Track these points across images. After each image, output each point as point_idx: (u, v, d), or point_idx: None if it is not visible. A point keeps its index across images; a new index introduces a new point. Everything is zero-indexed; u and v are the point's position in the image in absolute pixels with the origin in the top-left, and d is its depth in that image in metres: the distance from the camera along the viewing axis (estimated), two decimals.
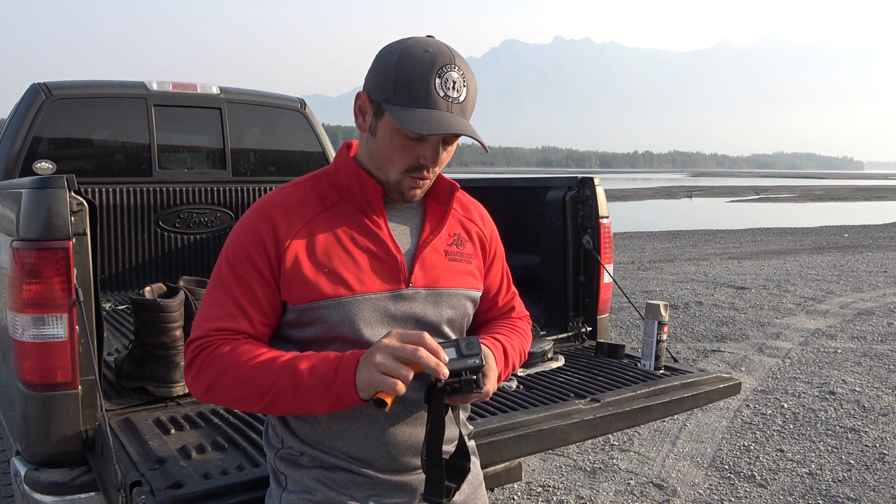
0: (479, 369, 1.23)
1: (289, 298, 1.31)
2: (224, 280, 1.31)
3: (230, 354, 1.25)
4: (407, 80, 1.23)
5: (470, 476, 1.46)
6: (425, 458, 1.29)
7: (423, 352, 1.16)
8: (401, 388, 1.15)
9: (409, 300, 1.34)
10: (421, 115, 1.22)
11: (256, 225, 1.32)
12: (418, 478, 1.36)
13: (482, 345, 1.31)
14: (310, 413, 1.29)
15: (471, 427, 1.56)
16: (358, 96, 1.34)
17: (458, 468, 1.36)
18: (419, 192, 1.35)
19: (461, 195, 1.49)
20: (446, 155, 1.33)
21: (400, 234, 1.38)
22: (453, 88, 1.24)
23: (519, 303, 1.63)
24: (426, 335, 1.19)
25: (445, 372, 1.18)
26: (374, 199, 1.34)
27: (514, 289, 1.62)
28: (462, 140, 1.31)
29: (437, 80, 1.23)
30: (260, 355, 1.24)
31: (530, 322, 1.66)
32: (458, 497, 1.42)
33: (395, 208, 1.40)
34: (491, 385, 1.29)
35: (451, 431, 1.39)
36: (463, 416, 1.50)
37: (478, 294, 1.46)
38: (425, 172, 1.31)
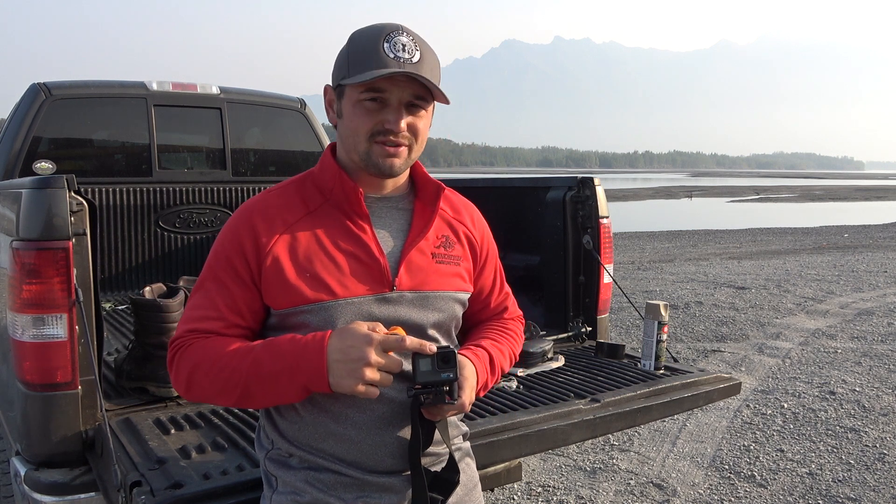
0: (451, 382, 1.25)
1: (271, 303, 1.31)
2: (205, 284, 1.33)
3: (200, 350, 1.27)
4: (357, 51, 1.28)
5: (465, 478, 1.46)
6: (410, 466, 1.30)
7: (401, 362, 1.21)
8: (374, 393, 1.20)
9: (393, 303, 1.34)
10: (372, 73, 1.25)
11: (237, 230, 1.33)
12: (407, 479, 1.36)
13: (462, 356, 1.33)
14: (284, 402, 1.30)
15: (465, 428, 1.55)
16: (325, 91, 1.38)
17: (446, 481, 1.36)
18: (398, 162, 1.33)
19: (450, 195, 1.49)
20: (417, 120, 1.32)
21: (385, 237, 1.37)
22: (404, 50, 1.26)
23: (512, 302, 1.62)
24: (408, 340, 1.21)
25: (433, 348, 1.23)
26: (356, 202, 1.34)
27: (507, 288, 1.61)
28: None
29: (386, 45, 1.26)
30: (227, 348, 1.26)
31: (523, 322, 1.65)
32: (452, 498, 1.42)
33: (382, 210, 1.39)
34: (467, 397, 1.30)
35: (437, 444, 1.39)
36: (456, 418, 1.50)
37: (466, 296, 1.45)
38: (392, 138, 1.30)
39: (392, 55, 1.25)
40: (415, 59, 1.27)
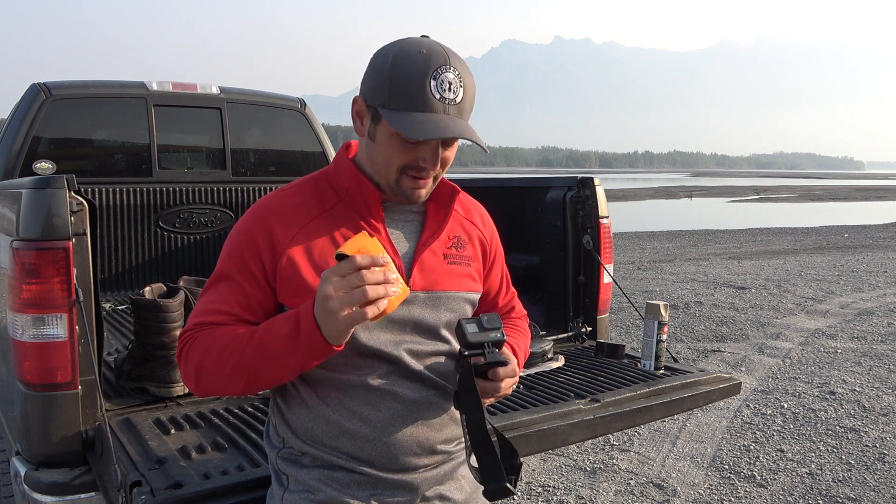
0: (501, 343, 1.24)
1: (285, 302, 1.31)
2: (217, 282, 1.33)
3: (207, 338, 1.26)
4: (402, 83, 1.22)
5: (470, 475, 1.46)
6: (474, 442, 1.28)
7: (367, 274, 1.10)
8: (371, 312, 1.11)
9: (406, 303, 1.33)
10: (418, 119, 1.21)
11: (252, 230, 1.32)
12: (420, 477, 1.36)
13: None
14: (288, 378, 1.28)
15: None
16: (355, 101, 1.34)
17: (512, 466, 1.35)
18: (423, 193, 1.34)
19: (462, 197, 1.49)
20: (449, 153, 1.32)
21: (398, 238, 1.37)
22: (449, 90, 1.23)
23: (518, 303, 1.64)
24: (357, 257, 1.11)
25: (395, 289, 1.14)
26: (373, 203, 1.34)
27: (513, 289, 1.63)
28: (460, 139, 1.31)
29: (433, 83, 1.21)
30: (232, 333, 1.25)
31: (528, 320, 1.67)
32: (459, 496, 1.42)
33: (395, 211, 1.39)
34: (516, 364, 1.31)
35: (452, 431, 1.39)
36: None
37: (476, 296, 1.46)
38: (425, 173, 1.30)
39: (438, 95, 1.22)
40: (458, 99, 1.24)
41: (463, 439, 1.40)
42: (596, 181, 3.11)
